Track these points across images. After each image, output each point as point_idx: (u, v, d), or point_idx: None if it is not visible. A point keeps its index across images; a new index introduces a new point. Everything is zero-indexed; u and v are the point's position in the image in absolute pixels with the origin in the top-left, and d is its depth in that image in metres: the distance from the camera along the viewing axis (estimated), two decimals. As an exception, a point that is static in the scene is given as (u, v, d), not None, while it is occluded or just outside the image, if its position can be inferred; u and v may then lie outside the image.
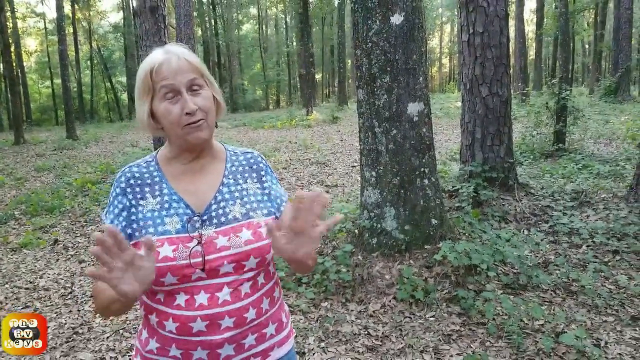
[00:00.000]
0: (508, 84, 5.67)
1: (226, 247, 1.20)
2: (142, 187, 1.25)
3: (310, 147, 12.09)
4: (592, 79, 25.30)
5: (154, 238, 1.17)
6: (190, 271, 1.17)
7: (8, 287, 4.46)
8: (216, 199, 1.26)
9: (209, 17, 37.36)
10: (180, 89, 1.17)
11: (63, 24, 18.56)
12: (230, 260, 1.20)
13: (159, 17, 8.57)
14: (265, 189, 1.36)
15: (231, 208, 1.26)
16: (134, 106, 1.28)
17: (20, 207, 7.37)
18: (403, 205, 3.97)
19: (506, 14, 5.60)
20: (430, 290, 3.48)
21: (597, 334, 2.97)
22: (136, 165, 1.29)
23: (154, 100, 1.20)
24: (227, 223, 1.24)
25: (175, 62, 1.18)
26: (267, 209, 1.32)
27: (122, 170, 1.29)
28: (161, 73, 1.17)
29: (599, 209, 5.03)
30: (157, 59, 1.19)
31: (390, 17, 3.84)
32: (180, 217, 1.21)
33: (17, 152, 14.38)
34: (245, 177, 1.34)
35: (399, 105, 3.92)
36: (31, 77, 42.29)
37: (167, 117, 1.18)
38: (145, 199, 1.23)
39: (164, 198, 1.24)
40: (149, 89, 1.20)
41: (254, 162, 1.38)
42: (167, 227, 1.20)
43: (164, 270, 1.15)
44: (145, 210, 1.22)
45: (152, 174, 1.27)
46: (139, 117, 1.24)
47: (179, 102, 1.17)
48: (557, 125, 8.20)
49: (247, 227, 1.24)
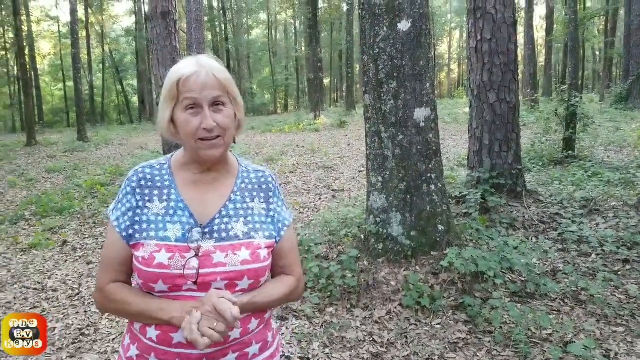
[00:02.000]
0: (516, 90, 5.64)
1: (222, 263, 1.20)
2: (151, 190, 1.26)
3: (318, 152, 12.09)
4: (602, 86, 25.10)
5: (153, 242, 1.18)
6: (182, 282, 1.17)
7: (17, 287, 4.49)
8: (221, 214, 1.26)
9: (220, 22, 37.57)
10: (202, 104, 1.19)
11: (76, 28, 18.74)
12: (224, 278, 1.19)
13: (170, 22, 8.64)
14: (270, 211, 1.35)
15: (234, 225, 1.26)
16: (144, 109, 1.30)
17: (30, 208, 7.45)
18: (409, 211, 3.96)
19: (514, 21, 5.57)
20: (436, 297, 3.45)
21: (606, 344, 2.92)
22: (149, 166, 1.30)
23: (176, 109, 1.21)
24: (228, 239, 1.24)
25: (203, 76, 1.19)
26: (269, 232, 1.31)
27: (135, 169, 1.30)
28: (188, 85, 1.18)
29: (609, 217, 4.98)
30: (187, 70, 1.20)
31: (398, 23, 3.84)
32: (183, 225, 1.22)
33: (28, 154, 14.54)
34: (253, 196, 1.34)
35: (406, 110, 3.91)
36: (44, 79, 42.73)
37: (184, 128, 1.20)
38: (152, 202, 1.24)
39: (170, 204, 1.24)
40: (173, 97, 1.21)
41: (265, 181, 1.38)
42: (167, 233, 1.20)
43: (156, 277, 1.16)
44: (150, 214, 1.23)
45: (164, 178, 1.28)
46: (160, 119, 1.26)
47: (199, 116, 1.19)
48: (566, 132, 8.14)
49: (246, 247, 1.24)
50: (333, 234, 4.70)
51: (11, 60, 31.77)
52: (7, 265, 5.11)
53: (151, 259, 1.16)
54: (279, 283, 1.34)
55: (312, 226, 5.51)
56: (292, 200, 7.39)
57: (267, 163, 10.88)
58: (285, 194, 7.89)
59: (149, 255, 1.17)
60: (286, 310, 3.55)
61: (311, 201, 7.32)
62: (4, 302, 4.15)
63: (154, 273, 1.16)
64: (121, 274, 1.26)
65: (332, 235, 4.69)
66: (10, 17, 21.36)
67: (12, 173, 11.07)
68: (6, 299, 4.23)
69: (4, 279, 4.70)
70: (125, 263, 1.25)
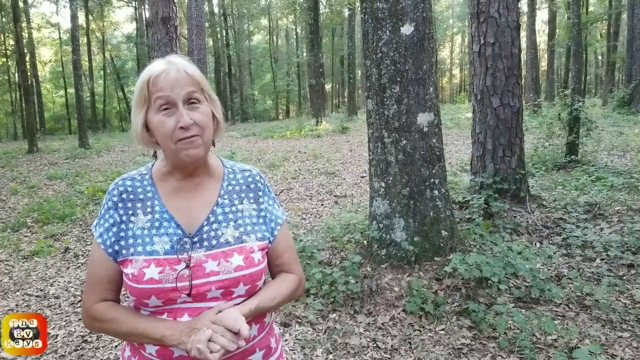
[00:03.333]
0: (520, 94, 5.63)
1: (215, 272, 1.15)
2: (134, 203, 1.20)
3: (320, 157, 12.09)
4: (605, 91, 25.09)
5: (141, 258, 1.14)
6: (176, 295, 1.13)
7: (19, 295, 4.48)
8: (209, 220, 1.21)
9: (221, 28, 37.67)
10: (176, 101, 1.13)
11: (77, 34, 18.82)
12: (219, 287, 1.15)
13: (170, 28, 8.66)
14: (261, 211, 1.29)
15: (224, 231, 1.21)
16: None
17: (32, 215, 7.44)
18: (412, 217, 3.94)
19: (517, 25, 5.57)
20: (440, 302, 3.42)
21: (612, 350, 2.90)
22: (130, 178, 1.24)
23: (149, 112, 1.15)
24: (219, 246, 1.19)
25: (173, 73, 1.13)
26: (261, 233, 1.26)
27: (115, 182, 1.24)
28: (158, 84, 1.13)
29: (613, 222, 4.95)
30: (155, 69, 1.15)
31: (401, 27, 3.83)
32: (170, 237, 1.17)
33: (30, 161, 14.57)
34: (242, 197, 1.28)
35: (409, 115, 3.89)
36: (45, 86, 42.88)
37: (160, 130, 1.13)
38: (136, 216, 1.19)
39: (155, 216, 1.19)
40: (144, 99, 1.15)
41: (252, 181, 1.32)
42: (155, 247, 1.15)
43: (149, 293, 1.12)
44: (135, 228, 1.18)
45: (146, 189, 1.22)
46: (133, 127, 1.19)
47: (174, 115, 1.13)
48: (569, 137, 8.12)
49: (238, 252, 1.19)
50: (336, 239, 4.67)
51: (12, 67, 31.89)
52: (9, 272, 5.09)
53: (141, 275, 1.12)
54: (280, 283, 1.30)
55: (315, 232, 5.48)
56: (294, 206, 7.37)
57: (269, 169, 10.87)
58: (288, 200, 7.87)
59: (138, 271, 1.12)
60: (289, 317, 3.52)
61: (313, 207, 7.30)
62: (6, 310, 4.13)
63: (146, 289, 1.12)
64: (109, 292, 1.21)
65: (334, 241, 4.67)
66: (10, 23, 21.44)
67: (14, 180, 11.07)
68: (8, 306, 4.22)
69: (6, 286, 4.68)
70: (112, 281, 1.20)
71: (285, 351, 3.06)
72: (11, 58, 29.71)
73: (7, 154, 16.17)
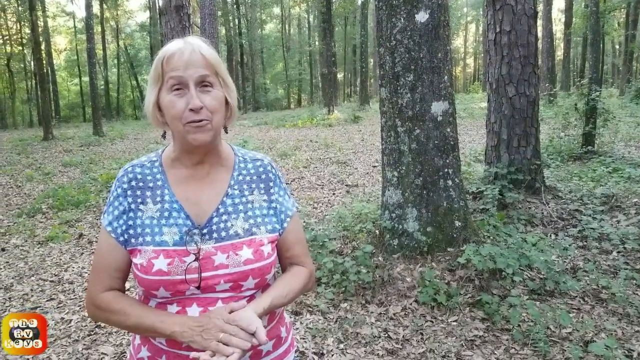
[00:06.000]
0: (536, 84, 5.52)
1: (224, 265, 1.13)
2: (143, 191, 1.17)
3: (331, 147, 12.04)
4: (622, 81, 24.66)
5: (150, 248, 1.12)
6: (185, 287, 1.11)
7: (34, 280, 4.53)
8: (218, 212, 1.18)
9: (233, 17, 37.61)
10: (188, 82, 1.09)
11: (91, 23, 18.93)
12: (228, 280, 1.13)
13: (183, 16, 8.65)
14: (272, 202, 1.26)
15: (233, 222, 1.18)
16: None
17: (47, 201, 7.52)
18: (425, 207, 3.90)
19: (535, 13, 5.46)
20: (452, 294, 3.39)
21: (628, 344, 2.85)
22: (140, 164, 1.21)
23: (162, 91, 1.12)
24: (228, 239, 1.16)
25: (188, 53, 1.10)
26: (271, 225, 1.23)
27: (124, 168, 1.21)
28: (172, 63, 1.09)
29: (631, 214, 4.87)
30: (171, 48, 1.11)
31: (415, 14, 3.77)
32: (179, 228, 1.14)
33: (45, 148, 14.74)
34: (252, 188, 1.25)
35: (423, 104, 3.84)
36: (60, 74, 43.26)
37: (170, 111, 1.10)
38: (145, 204, 1.16)
39: (165, 205, 1.16)
40: (158, 77, 1.12)
41: (264, 171, 1.28)
42: (164, 237, 1.13)
43: (157, 284, 1.10)
44: (144, 217, 1.15)
45: (155, 177, 1.19)
46: (146, 105, 1.17)
47: (185, 97, 1.09)
48: (586, 127, 7.99)
49: (248, 245, 1.16)
50: (347, 229, 4.65)
51: (28, 55, 32.19)
52: (25, 257, 5.16)
53: (149, 265, 1.10)
54: (291, 278, 1.26)
55: (326, 221, 5.47)
56: (306, 195, 7.35)
57: (281, 158, 10.86)
58: (299, 189, 7.86)
59: (147, 261, 1.10)
60: (300, 305, 3.52)
61: (325, 196, 7.29)
62: (22, 294, 4.18)
63: (154, 280, 1.09)
64: (116, 281, 1.18)
65: (346, 230, 4.64)
66: (26, 12, 21.59)
67: (30, 167, 11.22)
68: (23, 290, 4.27)
69: (21, 271, 4.74)
70: (120, 269, 1.18)
71: (296, 340, 3.06)
72: (27, 46, 30.03)
73: (23, 141, 16.38)
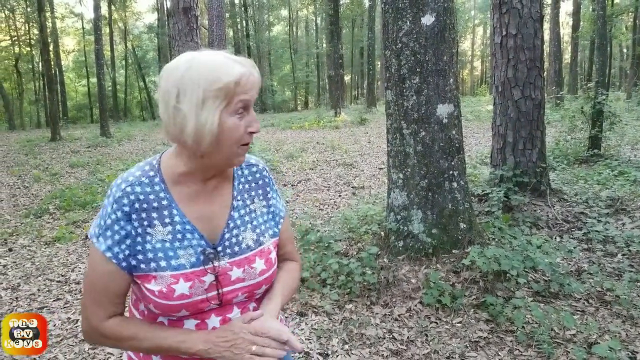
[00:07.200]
0: (542, 87, 5.53)
1: (241, 279, 1.15)
2: (148, 212, 1.08)
3: (338, 149, 12.07)
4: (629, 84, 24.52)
5: (167, 274, 1.08)
6: (205, 305, 1.11)
7: (41, 280, 4.56)
8: (229, 227, 1.16)
9: (241, 19, 37.77)
10: (250, 105, 1.07)
11: (100, 24, 19.05)
12: (244, 292, 1.16)
13: (191, 18, 8.70)
14: (270, 207, 1.28)
15: (244, 235, 1.18)
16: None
17: (54, 202, 7.57)
18: (431, 209, 3.91)
19: (541, 16, 5.46)
20: (457, 295, 3.41)
21: (632, 346, 2.85)
22: (137, 182, 1.09)
23: (224, 112, 1.03)
24: (241, 253, 1.16)
25: (255, 75, 1.06)
26: (272, 229, 1.26)
27: (119, 187, 1.08)
28: (242, 84, 1.03)
29: (636, 217, 4.86)
30: (242, 69, 1.04)
31: (421, 17, 3.79)
32: (195, 249, 1.10)
33: (53, 149, 14.83)
34: (252, 195, 1.25)
35: (428, 106, 3.86)
36: (68, 75, 43.52)
37: (233, 134, 1.04)
38: (153, 227, 1.08)
39: (176, 227, 1.10)
40: (227, 98, 1.02)
41: (260, 176, 1.28)
42: (180, 260, 1.09)
43: (179, 308, 1.08)
44: (154, 241, 1.08)
45: (158, 195, 1.10)
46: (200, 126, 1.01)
47: (243, 119, 1.06)
48: (592, 130, 7.98)
49: (259, 256, 1.18)
50: (353, 230, 4.67)
51: (36, 56, 32.41)
52: (32, 257, 5.20)
53: (170, 291, 1.06)
54: (289, 273, 1.33)
55: (332, 223, 5.49)
56: (312, 196, 7.38)
57: (287, 159, 10.89)
58: (305, 191, 7.89)
59: (167, 288, 1.06)
60: (305, 306, 3.54)
61: (331, 198, 7.31)
62: (29, 294, 4.22)
63: (176, 305, 1.07)
64: (119, 306, 1.13)
65: (351, 232, 4.67)
66: (35, 13, 21.76)
67: (37, 167, 11.30)
68: (30, 290, 4.31)
69: (28, 271, 4.78)
70: (123, 294, 1.12)
71: (301, 340, 3.08)
72: (35, 47, 30.22)
73: (31, 142, 16.49)
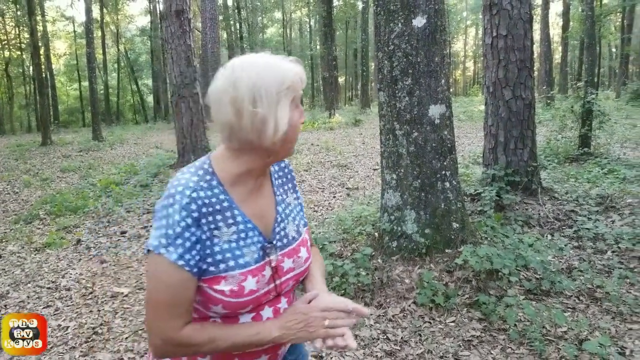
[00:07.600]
0: (532, 87, 5.59)
1: (291, 268, 1.22)
2: (214, 215, 1.10)
3: (332, 150, 12.09)
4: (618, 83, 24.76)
5: (237, 272, 1.11)
6: (266, 297, 1.17)
7: (30, 287, 4.48)
8: (277, 221, 1.23)
9: (234, 21, 37.68)
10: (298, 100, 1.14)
11: (91, 28, 18.97)
12: (294, 280, 1.24)
13: (184, 21, 8.70)
14: (298, 198, 1.36)
15: (289, 228, 1.25)
16: (159, 109, 1.25)
17: (45, 207, 7.47)
18: (424, 209, 3.94)
19: (530, 17, 5.52)
20: (450, 295, 3.44)
21: (622, 341, 2.89)
22: (199, 187, 1.09)
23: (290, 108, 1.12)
24: (289, 244, 1.23)
25: (303, 70, 1.15)
26: (303, 220, 1.33)
27: (183, 194, 1.07)
28: (302, 80, 1.13)
29: (625, 214, 4.92)
30: (293, 67, 1.12)
31: (413, 19, 3.83)
32: (256, 245, 1.16)
33: (43, 153, 14.68)
34: (286, 189, 1.32)
35: (420, 107, 3.89)
36: (60, 79, 43.23)
37: (297, 127, 1.14)
38: (219, 229, 1.11)
39: (239, 227, 1.14)
40: (291, 95, 1.11)
41: (287, 171, 1.36)
42: (246, 258, 1.13)
43: (248, 303, 1.13)
44: (221, 242, 1.11)
45: (219, 198, 1.12)
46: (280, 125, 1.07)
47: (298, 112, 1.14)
48: (582, 129, 8.06)
49: (303, 245, 1.26)
50: (347, 232, 4.69)
51: (27, 60, 32.20)
52: (21, 264, 5.12)
53: (241, 289, 1.11)
54: (316, 256, 1.40)
55: (327, 224, 5.51)
56: (307, 198, 7.39)
57: (281, 161, 10.86)
58: (300, 193, 7.87)
59: (238, 286, 1.10)
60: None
61: (325, 199, 7.33)
62: (18, 302, 4.15)
63: (246, 301, 1.12)
64: (190, 313, 1.12)
65: (346, 233, 4.69)
66: (25, 17, 21.61)
67: (27, 172, 11.17)
68: (20, 297, 4.24)
69: (18, 278, 4.70)
70: (193, 300, 1.12)
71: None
72: (26, 51, 30.04)
73: (21, 147, 16.32)
